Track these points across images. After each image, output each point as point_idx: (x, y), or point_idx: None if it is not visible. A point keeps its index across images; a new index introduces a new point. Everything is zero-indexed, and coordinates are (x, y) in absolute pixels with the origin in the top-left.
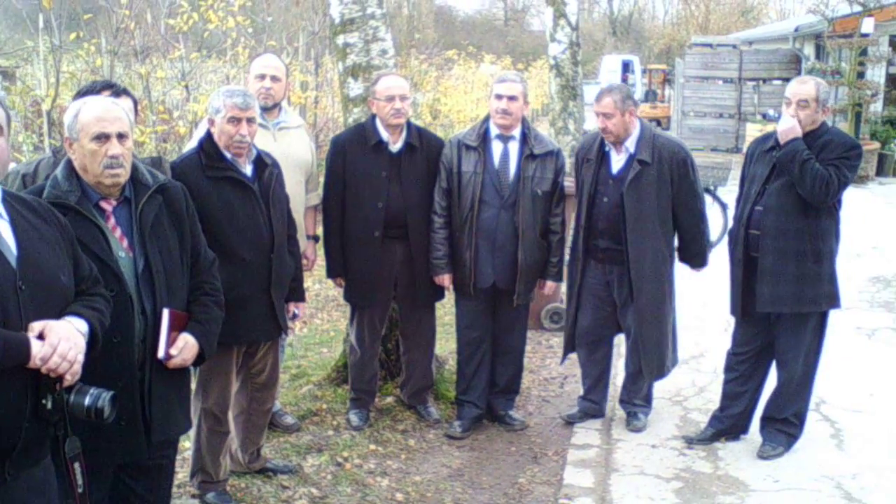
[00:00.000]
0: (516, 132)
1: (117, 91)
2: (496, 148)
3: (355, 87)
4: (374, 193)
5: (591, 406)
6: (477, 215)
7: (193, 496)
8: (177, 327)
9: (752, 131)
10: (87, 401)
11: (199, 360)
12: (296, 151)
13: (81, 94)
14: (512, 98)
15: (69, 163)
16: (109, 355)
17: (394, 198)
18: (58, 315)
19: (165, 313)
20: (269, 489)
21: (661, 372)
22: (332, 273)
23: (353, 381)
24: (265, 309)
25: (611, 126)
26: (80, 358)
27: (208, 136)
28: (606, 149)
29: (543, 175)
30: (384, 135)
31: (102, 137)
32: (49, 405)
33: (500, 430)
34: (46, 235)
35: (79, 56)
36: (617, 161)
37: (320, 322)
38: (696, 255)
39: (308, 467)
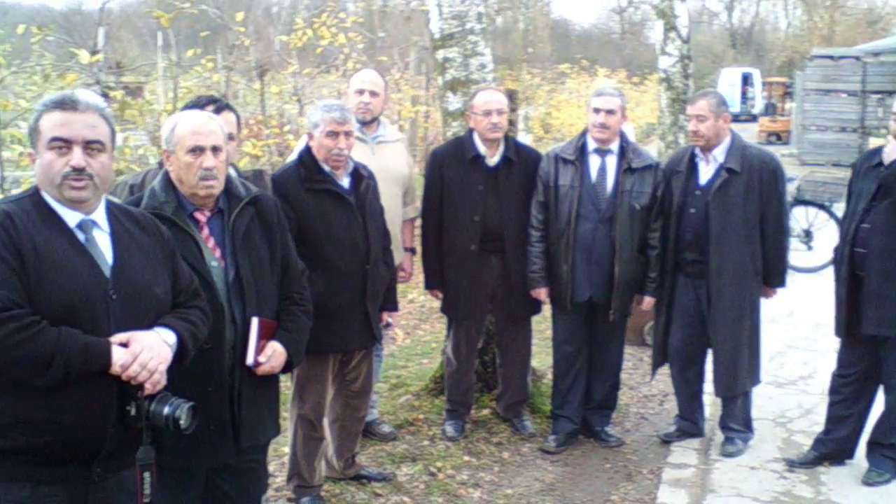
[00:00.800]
0: (614, 146)
1: (220, 106)
2: (594, 162)
3: (454, 102)
4: (471, 207)
5: (689, 425)
6: (574, 229)
7: (289, 500)
8: (266, 335)
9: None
10: (166, 410)
11: (287, 367)
12: (393, 165)
13: (187, 108)
14: (610, 112)
15: (166, 174)
16: (201, 361)
17: (491, 211)
18: (150, 326)
19: (254, 321)
20: (362, 496)
21: (731, 390)
22: (429, 285)
23: (449, 393)
24: (360, 318)
25: (703, 129)
26: (162, 368)
27: (307, 149)
28: (696, 160)
29: (642, 189)
30: (481, 149)
31: (197, 150)
32: (133, 412)
33: (595, 446)
34: (146, 247)
35: (197, 73)
36: (705, 172)
37: (423, 333)
38: (778, 273)
39: (402, 476)
